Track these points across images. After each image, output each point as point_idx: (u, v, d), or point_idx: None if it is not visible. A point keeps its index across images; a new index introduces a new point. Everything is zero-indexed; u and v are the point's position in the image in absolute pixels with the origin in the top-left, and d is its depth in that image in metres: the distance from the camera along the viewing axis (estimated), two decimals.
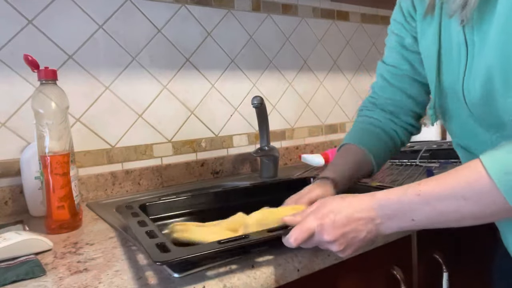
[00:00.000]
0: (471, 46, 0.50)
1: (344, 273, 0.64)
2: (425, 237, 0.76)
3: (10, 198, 0.86)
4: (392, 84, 0.71)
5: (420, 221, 0.45)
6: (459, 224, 0.45)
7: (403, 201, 0.46)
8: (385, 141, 0.72)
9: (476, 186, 0.41)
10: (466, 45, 0.51)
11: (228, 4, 1.17)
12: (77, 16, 0.94)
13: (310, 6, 1.37)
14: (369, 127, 0.73)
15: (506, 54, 0.44)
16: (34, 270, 0.52)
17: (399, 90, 0.70)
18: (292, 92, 1.34)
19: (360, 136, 0.72)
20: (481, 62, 0.48)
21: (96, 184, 0.96)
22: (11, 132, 0.87)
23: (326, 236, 0.48)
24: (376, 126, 0.73)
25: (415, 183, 0.46)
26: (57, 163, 0.68)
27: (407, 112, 0.72)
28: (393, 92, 0.71)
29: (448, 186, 0.43)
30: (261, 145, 1.11)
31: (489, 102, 0.47)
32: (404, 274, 0.70)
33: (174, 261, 0.45)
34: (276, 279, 0.52)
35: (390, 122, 0.73)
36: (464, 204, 0.42)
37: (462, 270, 0.83)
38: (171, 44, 1.08)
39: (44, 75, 0.69)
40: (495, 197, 0.40)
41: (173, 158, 1.09)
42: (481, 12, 0.47)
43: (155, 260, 0.44)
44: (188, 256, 0.46)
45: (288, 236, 0.49)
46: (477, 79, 0.48)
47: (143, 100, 1.04)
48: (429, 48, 0.59)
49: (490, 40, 0.46)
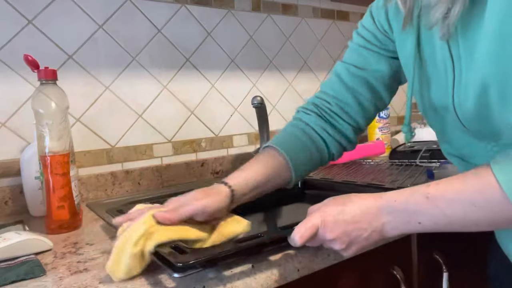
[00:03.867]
0: (457, 61, 0.47)
1: (344, 273, 0.64)
2: (425, 237, 0.76)
3: (10, 198, 0.86)
4: (345, 84, 0.66)
5: (426, 224, 0.44)
6: (464, 230, 0.44)
7: (410, 202, 0.45)
8: (310, 151, 0.66)
9: (487, 195, 0.41)
10: (452, 60, 0.48)
11: (228, 4, 1.17)
12: (77, 16, 0.94)
13: (310, 6, 1.37)
14: (298, 132, 0.66)
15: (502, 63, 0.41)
16: (34, 270, 0.52)
17: (351, 92, 0.65)
18: (292, 92, 1.34)
19: (284, 141, 0.65)
20: (471, 76, 0.45)
21: (96, 184, 0.96)
22: (11, 132, 0.87)
23: (328, 233, 0.47)
24: (306, 133, 0.66)
25: (423, 185, 0.45)
26: (57, 163, 0.68)
27: (349, 119, 0.67)
28: (344, 92, 0.66)
29: (458, 191, 0.42)
30: (261, 145, 1.10)
31: (484, 114, 0.45)
32: (404, 274, 0.70)
33: (197, 262, 0.46)
34: (276, 279, 0.52)
35: (324, 132, 0.66)
36: (474, 210, 0.41)
37: (462, 270, 0.83)
38: (171, 44, 1.08)
39: (44, 75, 0.69)
40: (505, 207, 0.40)
41: (173, 158, 1.09)
42: (466, 23, 0.44)
43: (178, 263, 0.44)
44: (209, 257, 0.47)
45: (293, 235, 0.48)
46: (469, 93, 0.46)
47: (143, 100, 1.04)
48: (408, 62, 0.56)
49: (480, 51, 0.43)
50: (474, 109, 0.46)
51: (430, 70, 0.53)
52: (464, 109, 0.48)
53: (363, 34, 0.66)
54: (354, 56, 0.66)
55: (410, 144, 1.23)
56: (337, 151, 0.69)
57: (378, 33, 0.63)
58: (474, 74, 0.45)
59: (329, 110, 0.67)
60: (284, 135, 0.67)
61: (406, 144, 1.24)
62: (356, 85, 0.65)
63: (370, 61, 0.64)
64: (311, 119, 0.67)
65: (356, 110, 0.66)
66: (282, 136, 0.67)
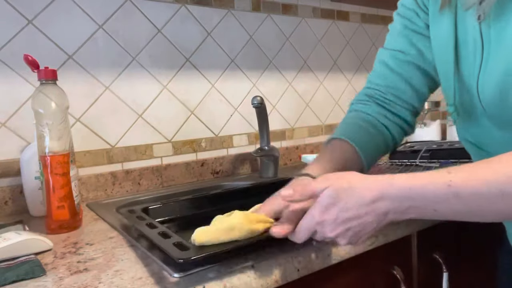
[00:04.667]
0: (487, 44, 0.47)
1: (344, 273, 0.64)
2: (425, 237, 0.76)
3: (10, 198, 0.86)
4: (394, 71, 0.65)
5: (443, 212, 0.42)
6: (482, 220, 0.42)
7: (428, 190, 0.41)
8: (376, 139, 0.66)
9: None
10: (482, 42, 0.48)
11: (228, 4, 1.17)
12: (77, 16, 0.94)
13: (310, 6, 1.37)
14: (361, 122, 0.66)
15: None
16: (34, 270, 0.52)
17: (402, 78, 0.65)
18: (292, 92, 1.34)
19: (350, 132, 0.65)
20: (497, 61, 0.46)
21: (96, 184, 0.96)
22: (11, 132, 0.87)
23: (329, 233, 0.45)
24: (368, 122, 0.66)
25: (443, 170, 0.42)
26: (57, 163, 0.68)
27: (406, 105, 0.67)
28: (395, 79, 0.65)
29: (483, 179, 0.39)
30: (261, 145, 1.11)
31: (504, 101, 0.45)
32: (404, 274, 0.70)
33: (198, 258, 0.46)
34: (276, 279, 0.52)
35: (384, 118, 0.67)
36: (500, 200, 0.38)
37: (462, 270, 0.83)
38: (171, 44, 1.08)
39: (44, 75, 0.69)
40: None
41: (173, 158, 1.09)
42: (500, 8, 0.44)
43: (178, 258, 0.45)
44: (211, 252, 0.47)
45: (293, 234, 0.48)
46: (493, 78, 0.46)
47: (143, 100, 1.04)
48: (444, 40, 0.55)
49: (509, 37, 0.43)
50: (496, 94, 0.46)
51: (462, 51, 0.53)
52: (486, 92, 0.48)
53: (404, 14, 0.65)
54: (397, 40, 0.66)
55: (410, 144, 1.23)
56: (399, 136, 0.69)
57: (419, 11, 0.62)
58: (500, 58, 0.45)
59: (383, 98, 0.67)
60: (347, 126, 0.67)
61: (406, 144, 1.24)
62: (405, 71, 0.65)
63: (415, 43, 0.63)
64: (370, 108, 0.68)
65: (410, 95, 0.66)
66: (345, 127, 0.67)
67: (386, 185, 0.43)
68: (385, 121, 0.67)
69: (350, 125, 0.67)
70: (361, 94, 0.71)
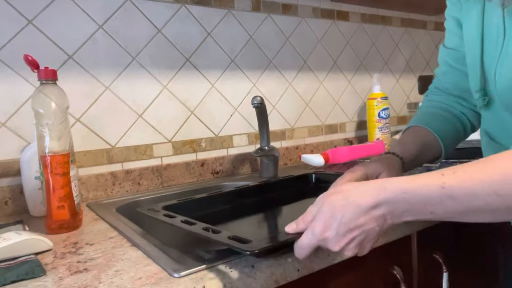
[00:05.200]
0: (509, 31, 0.48)
1: (344, 273, 0.64)
2: (425, 237, 0.76)
3: (10, 198, 0.86)
4: (455, 68, 0.68)
5: (440, 214, 0.42)
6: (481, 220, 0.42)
7: (422, 193, 0.41)
8: (454, 124, 0.68)
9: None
10: (504, 30, 0.49)
11: (228, 4, 1.17)
12: (77, 16, 0.94)
13: (310, 6, 1.37)
14: (437, 110, 0.69)
15: None
16: (34, 270, 0.52)
17: (463, 73, 0.65)
18: (292, 92, 1.34)
19: (428, 119, 0.67)
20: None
21: (96, 184, 0.96)
22: (11, 132, 0.87)
23: (332, 247, 0.45)
24: (444, 109, 0.69)
25: (437, 172, 0.42)
26: (57, 163, 0.68)
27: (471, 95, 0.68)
28: (456, 76, 0.68)
29: (477, 179, 0.39)
30: (261, 145, 1.11)
31: None
32: (404, 274, 0.70)
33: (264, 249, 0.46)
34: (276, 279, 0.52)
35: (458, 104, 0.69)
36: (495, 200, 0.38)
37: (462, 270, 0.83)
38: (171, 44, 1.08)
39: (44, 75, 0.69)
40: None
41: (173, 158, 1.09)
42: None
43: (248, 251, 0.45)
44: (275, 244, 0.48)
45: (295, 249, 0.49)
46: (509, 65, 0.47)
47: (143, 100, 1.04)
48: (472, 30, 0.56)
49: None
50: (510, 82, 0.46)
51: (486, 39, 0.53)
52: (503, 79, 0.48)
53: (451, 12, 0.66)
54: (449, 38, 0.68)
55: None
56: (475, 119, 0.70)
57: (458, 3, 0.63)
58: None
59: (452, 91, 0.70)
60: (423, 115, 0.70)
61: None
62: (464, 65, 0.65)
63: None
64: (443, 97, 0.70)
65: None
66: (422, 116, 0.70)
67: (380, 190, 0.44)
68: (460, 107, 0.69)
69: (425, 113, 0.70)
70: (432, 87, 0.74)
